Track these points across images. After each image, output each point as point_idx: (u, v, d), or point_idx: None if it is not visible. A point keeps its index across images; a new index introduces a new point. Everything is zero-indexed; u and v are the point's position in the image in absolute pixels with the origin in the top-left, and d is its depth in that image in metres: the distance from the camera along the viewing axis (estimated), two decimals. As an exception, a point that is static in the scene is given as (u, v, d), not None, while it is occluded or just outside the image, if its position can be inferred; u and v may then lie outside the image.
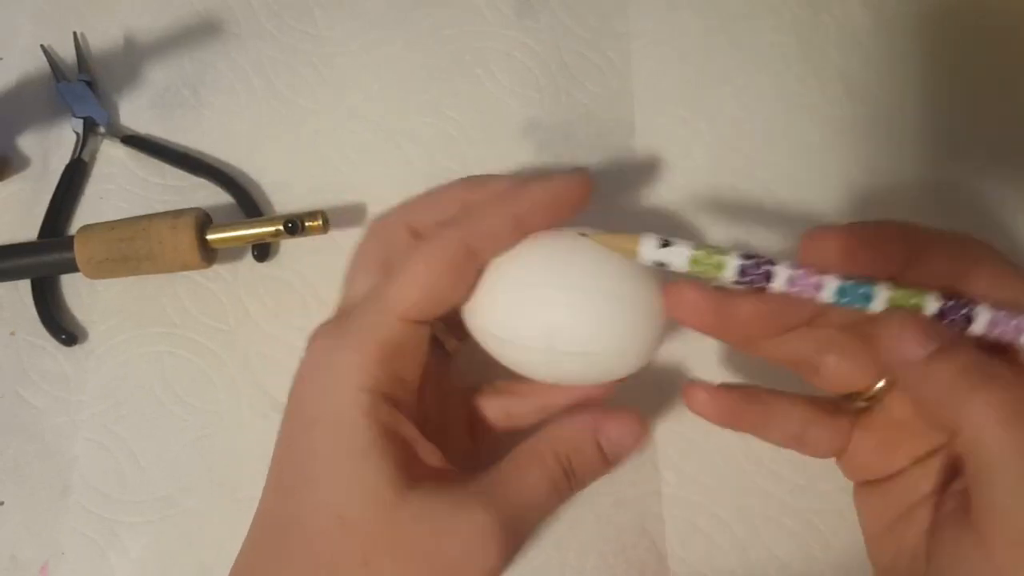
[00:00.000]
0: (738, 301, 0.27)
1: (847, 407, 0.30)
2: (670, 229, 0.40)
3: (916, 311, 0.25)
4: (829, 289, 0.25)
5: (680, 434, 0.36)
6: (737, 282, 0.26)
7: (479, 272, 0.29)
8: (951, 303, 0.25)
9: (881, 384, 0.29)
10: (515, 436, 0.29)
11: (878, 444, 0.29)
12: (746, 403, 0.29)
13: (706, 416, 0.29)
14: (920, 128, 0.41)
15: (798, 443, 0.30)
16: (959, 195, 0.40)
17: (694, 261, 0.26)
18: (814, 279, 0.25)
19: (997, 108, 0.41)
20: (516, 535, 0.26)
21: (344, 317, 0.28)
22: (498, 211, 0.28)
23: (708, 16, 0.43)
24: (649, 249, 0.26)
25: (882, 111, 0.41)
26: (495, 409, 0.32)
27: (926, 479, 0.28)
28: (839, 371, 0.29)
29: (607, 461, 0.29)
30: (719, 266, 0.26)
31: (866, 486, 0.30)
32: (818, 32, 0.43)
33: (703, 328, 0.28)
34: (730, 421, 0.29)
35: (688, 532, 0.35)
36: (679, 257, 0.26)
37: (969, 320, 0.25)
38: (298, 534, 0.26)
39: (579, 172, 0.28)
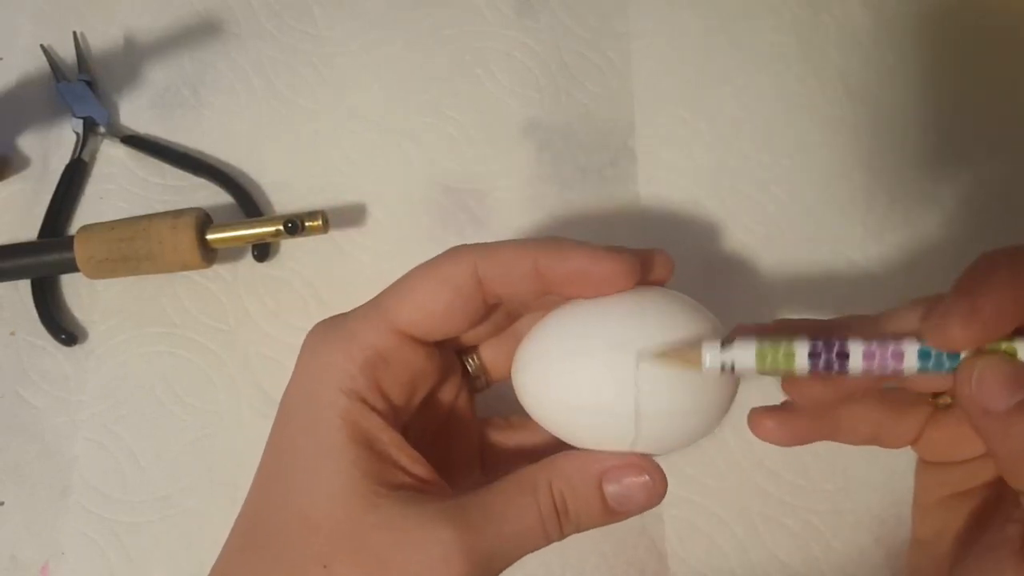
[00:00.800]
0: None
1: (928, 402, 0.28)
2: (669, 229, 0.40)
3: (1005, 356, 0.23)
4: (911, 356, 0.23)
5: (680, 434, 0.36)
6: (813, 370, 0.24)
7: (488, 306, 0.28)
8: None
9: None
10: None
11: (950, 437, 0.28)
12: (815, 421, 0.27)
13: (775, 442, 0.28)
14: (920, 128, 0.41)
15: (871, 441, 0.28)
16: (960, 195, 0.40)
17: (760, 357, 0.24)
18: (892, 347, 0.23)
19: (997, 108, 0.41)
20: (485, 561, 0.25)
21: (342, 317, 0.28)
22: (519, 251, 0.27)
23: (708, 16, 0.43)
24: (712, 355, 0.24)
25: (882, 111, 0.41)
26: (508, 444, 0.32)
27: (989, 471, 0.27)
28: (924, 374, 0.28)
29: (610, 510, 0.26)
30: (788, 357, 0.24)
31: (929, 463, 0.29)
32: (818, 32, 0.43)
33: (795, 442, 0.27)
34: (799, 441, 0.28)
35: (688, 532, 0.35)
36: (745, 356, 0.24)
37: None
38: (268, 530, 0.26)
39: (624, 257, 0.26)
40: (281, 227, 0.36)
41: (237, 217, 0.39)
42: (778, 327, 0.26)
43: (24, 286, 0.39)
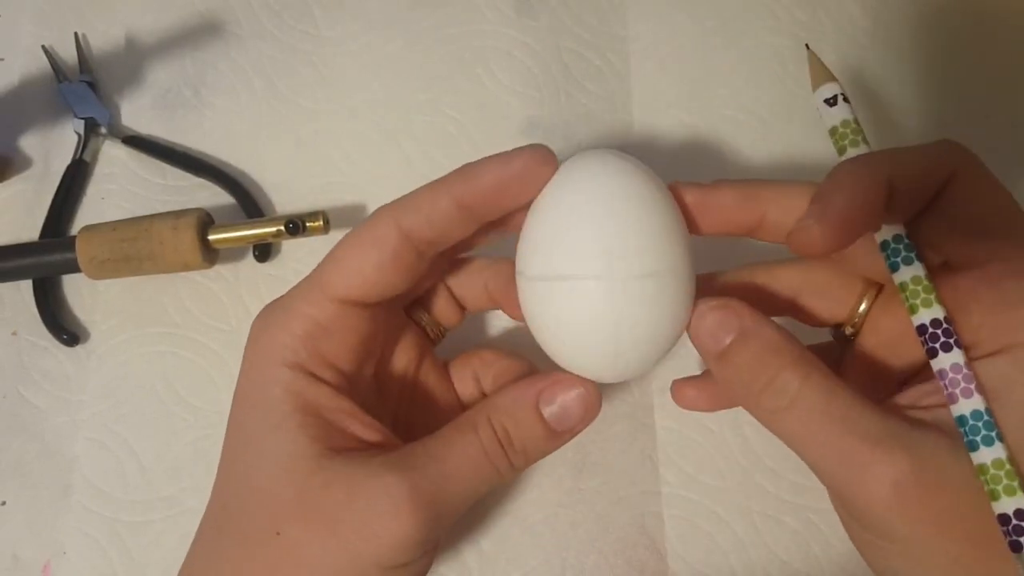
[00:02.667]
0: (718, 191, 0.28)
1: (837, 335, 0.30)
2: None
3: None
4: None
5: (679, 433, 0.37)
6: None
7: (423, 256, 0.28)
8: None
9: (863, 307, 0.29)
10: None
11: (868, 371, 0.28)
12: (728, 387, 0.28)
13: (697, 409, 0.30)
14: (919, 129, 0.41)
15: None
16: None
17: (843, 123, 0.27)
18: None
19: (997, 108, 0.41)
20: (435, 502, 0.25)
21: (281, 297, 0.29)
22: (436, 195, 0.27)
23: (705, 18, 0.43)
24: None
25: (880, 112, 0.41)
26: (467, 380, 0.32)
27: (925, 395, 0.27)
28: (819, 308, 0.29)
29: (552, 431, 0.27)
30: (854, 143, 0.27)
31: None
32: (815, 33, 0.43)
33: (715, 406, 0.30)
34: (719, 405, 0.31)
35: (687, 531, 0.35)
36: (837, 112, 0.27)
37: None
38: (229, 510, 0.27)
39: (532, 149, 0.26)
40: (282, 227, 0.37)
41: (238, 217, 0.40)
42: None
43: (26, 286, 0.39)
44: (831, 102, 0.27)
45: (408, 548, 0.25)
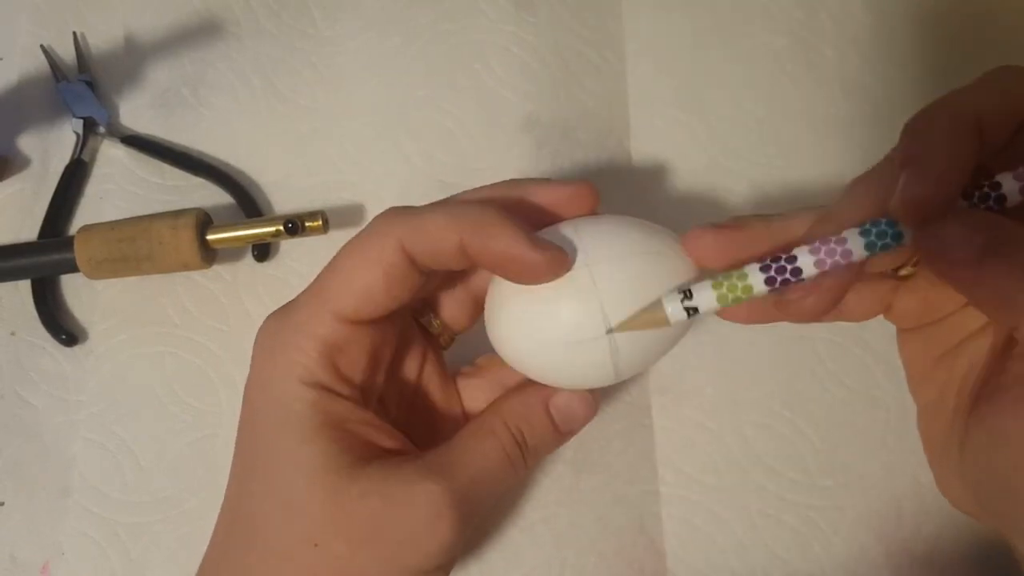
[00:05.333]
0: (751, 227, 0.26)
1: (891, 276, 0.28)
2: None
3: (961, 211, 0.23)
4: (857, 247, 0.24)
5: (677, 432, 0.36)
6: (772, 289, 0.25)
7: (423, 275, 0.27)
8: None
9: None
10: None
11: (923, 299, 0.28)
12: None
13: (738, 322, 0.28)
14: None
15: (835, 317, 0.28)
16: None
17: (721, 298, 0.25)
18: (838, 247, 0.24)
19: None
20: (469, 506, 0.26)
21: (288, 309, 0.28)
22: (445, 227, 0.26)
23: (700, 17, 0.43)
24: (675, 308, 0.26)
25: (881, 111, 0.41)
26: (472, 389, 0.32)
27: (973, 318, 0.27)
28: (875, 255, 0.27)
29: (559, 431, 0.29)
30: (746, 288, 0.25)
31: (910, 331, 0.29)
32: (813, 31, 0.43)
33: (724, 263, 0.27)
34: (762, 320, 0.28)
35: (686, 531, 0.35)
36: (706, 299, 0.25)
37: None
38: (253, 524, 0.27)
39: (556, 252, 0.26)
40: (281, 227, 0.36)
41: (237, 217, 0.39)
42: (732, 226, 0.27)
43: (24, 286, 0.39)
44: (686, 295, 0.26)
45: (448, 551, 0.26)
